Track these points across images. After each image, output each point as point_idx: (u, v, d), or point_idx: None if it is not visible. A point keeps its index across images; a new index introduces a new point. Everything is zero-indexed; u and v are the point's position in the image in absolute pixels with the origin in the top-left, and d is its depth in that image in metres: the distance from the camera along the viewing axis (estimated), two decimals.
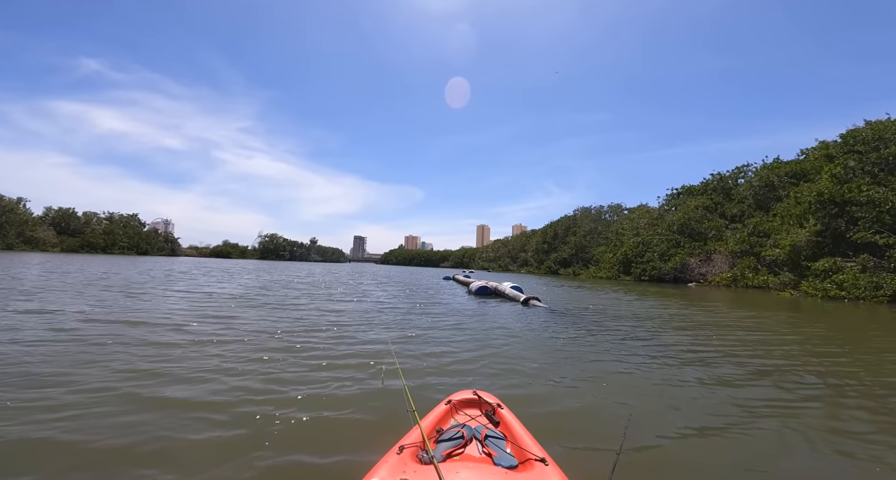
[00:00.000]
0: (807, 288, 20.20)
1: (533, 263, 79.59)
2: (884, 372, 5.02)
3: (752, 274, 27.42)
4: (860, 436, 3.08)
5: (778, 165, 34.46)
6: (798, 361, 5.47)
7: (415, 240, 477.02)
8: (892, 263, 17.80)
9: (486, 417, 2.47)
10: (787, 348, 6.43)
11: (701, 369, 4.92)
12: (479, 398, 2.66)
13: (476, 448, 2.07)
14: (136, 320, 6.57)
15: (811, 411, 3.60)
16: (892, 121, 23.15)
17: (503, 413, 2.48)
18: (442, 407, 2.57)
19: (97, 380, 3.64)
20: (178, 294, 10.88)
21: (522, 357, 5.25)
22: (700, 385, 4.27)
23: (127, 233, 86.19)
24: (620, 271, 44.18)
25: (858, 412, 3.61)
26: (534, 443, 2.10)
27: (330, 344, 5.38)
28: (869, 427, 3.27)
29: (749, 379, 4.53)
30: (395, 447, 1.96)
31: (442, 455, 1.95)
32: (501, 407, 2.55)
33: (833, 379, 4.64)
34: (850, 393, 4.13)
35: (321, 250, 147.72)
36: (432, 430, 2.29)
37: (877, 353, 6.22)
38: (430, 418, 2.43)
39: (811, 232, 22.52)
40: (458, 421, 2.42)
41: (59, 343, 4.89)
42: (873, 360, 5.70)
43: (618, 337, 6.88)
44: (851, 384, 4.45)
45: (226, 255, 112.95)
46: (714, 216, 38.04)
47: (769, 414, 3.46)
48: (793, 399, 3.91)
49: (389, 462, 1.82)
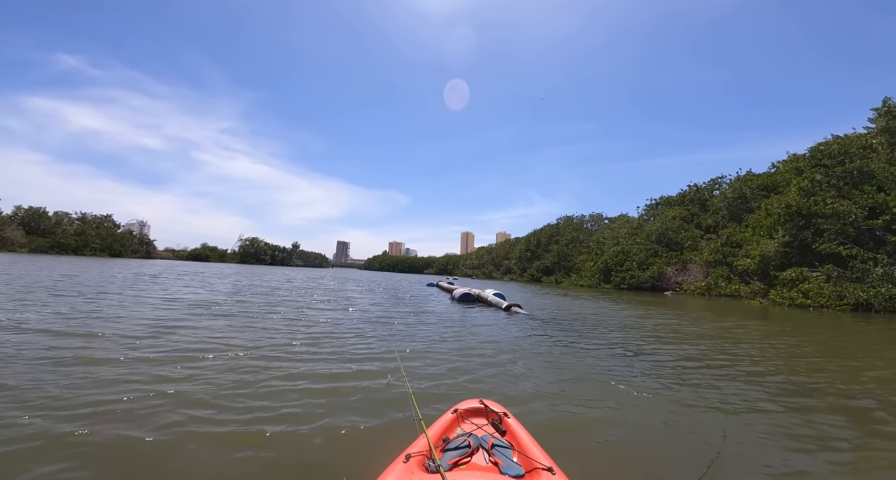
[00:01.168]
0: (775, 297, 20.84)
1: (516, 271, 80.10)
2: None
3: (724, 283, 28.15)
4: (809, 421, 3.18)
5: (750, 177, 35.70)
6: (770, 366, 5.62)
7: (399, 247, 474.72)
8: (854, 273, 18.51)
9: (492, 426, 2.44)
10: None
11: (674, 373, 5.01)
12: (485, 407, 2.65)
13: (483, 457, 2.06)
14: (75, 331, 5.70)
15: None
16: (857, 136, 24.31)
17: (510, 422, 2.46)
18: (448, 416, 2.57)
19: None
20: (153, 298, 10.54)
21: (511, 364, 5.26)
22: (677, 384, 4.35)
23: (100, 235, 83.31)
24: (601, 279, 44.81)
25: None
26: (541, 452, 2.08)
27: (329, 355, 5.28)
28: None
29: (717, 381, 4.63)
30: (402, 456, 1.95)
31: (448, 463, 1.94)
32: (508, 416, 2.54)
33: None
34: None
35: (303, 255, 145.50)
36: (439, 439, 2.28)
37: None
38: (436, 426, 2.41)
39: (780, 242, 23.30)
40: (465, 430, 2.41)
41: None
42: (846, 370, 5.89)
43: (601, 345, 7.00)
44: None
45: (204, 259, 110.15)
46: (690, 226, 39.05)
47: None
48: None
49: (396, 470, 1.82)
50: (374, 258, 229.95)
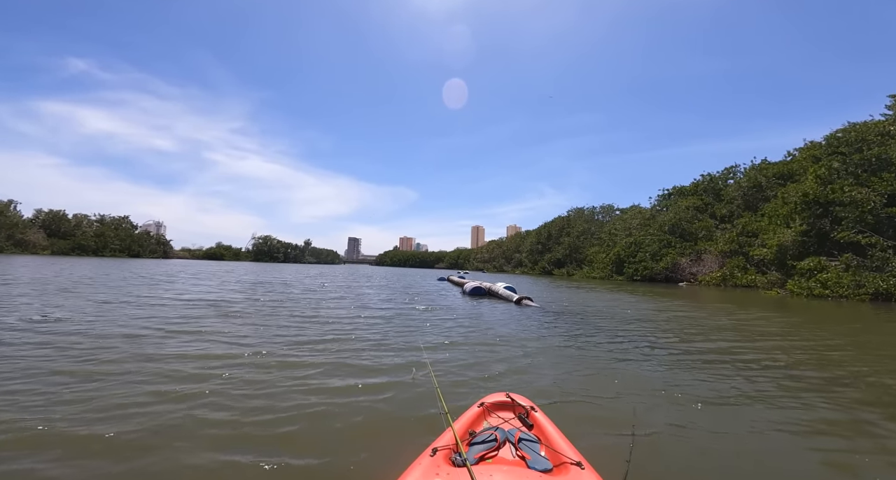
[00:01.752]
0: (792, 287, 20.66)
1: (527, 264, 79.97)
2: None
3: (740, 274, 27.92)
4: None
5: (766, 166, 35.11)
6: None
7: (409, 242, 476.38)
8: (874, 262, 18.28)
9: (519, 420, 2.45)
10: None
11: (698, 366, 5.19)
12: (512, 400, 2.65)
13: (509, 451, 2.05)
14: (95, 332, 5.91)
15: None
16: (874, 123, 23.75)
17: (537, 416, 2.46)
18: (475, 410, 2.57)
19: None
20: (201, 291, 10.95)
21: (530, 357, 5.43)
22: (703, 378, 4.53)
23: (118, 236, 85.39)
24: (613, 271, 44.65)
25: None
26: (569, 446, 2.07)
27: (350, 351, 5.41)
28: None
29: (750, 378, 4.79)
30: (428, 449, 1.97)
31: (475, 457, 1.94)
32: (535, 410, 2.53)
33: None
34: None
35: (315, 252, 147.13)
36: (465, 433, 2.28)
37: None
38: (462, 420, 2.43)
39: (797, 231, 23.03)
40: (491, 424, 2.41)
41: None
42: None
43: (617, 337, 7.10)
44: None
45: (219, 257, 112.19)
46: (704, 216, 38.60)
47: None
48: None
49: (422, 464, 1.83)
50: (386, 253, 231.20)
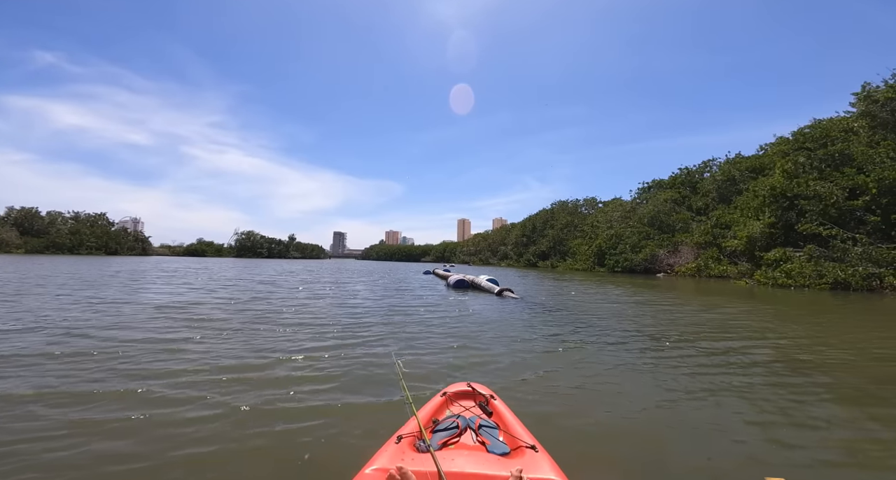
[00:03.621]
0: (759, 277, 21.69)
1: (513, 256, 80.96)
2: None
3: (714, 264, 29.02)
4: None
5: (739, 160, 36.29)
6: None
7: (396, 235, 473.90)
8: (835, 253, 19.32)
9: (479, 408, 2.60)
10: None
11: (660, 352, 5.65)
12: (472, 389, 2.80)
13: (470, 437, 2.17)
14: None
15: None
16: (839, 120, 24.87)
17: (496, 404, 2.62)
18: (438, 399, 2.71)
19: None
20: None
21: (498, 346, 5.78)
22: (664, 368, 4.97)
23: (94, 233, 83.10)
24: (595, 263, 45.75)
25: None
26: (525, 432, 2.23)
27: (323, 341, 5.73)
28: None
29: (696, 357, 5.26)
30: (394, 437, 2.06)
31: (438, 443, 2.06)
32: (494, 398, 2.70)
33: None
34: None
35: (300, 247, 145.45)
36: (429, 421, 2.40)
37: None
38: (426, 409, 2.54)
39: (765, 224, 24.07)
40: (453, 412, 2.55)
41: None
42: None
43: (587, 327, 7.49)
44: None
45: (201, 254, 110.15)
46: (682, 209, 39.73)
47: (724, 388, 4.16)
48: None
49: (388, 450, 1.92)
50: (372, 247, 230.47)
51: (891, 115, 20.58)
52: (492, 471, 1.73)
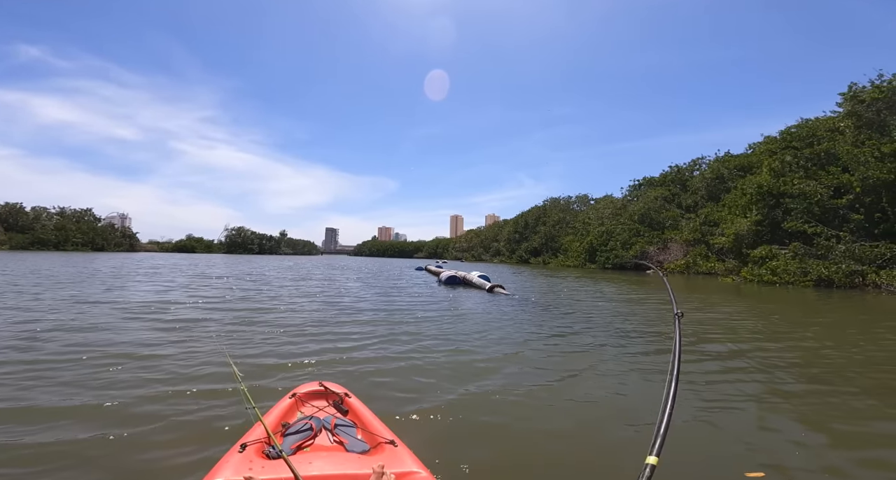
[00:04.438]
0: (746, 274, 22.05)
1: (505, 253, 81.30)
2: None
3: (702, 261, 29.44)
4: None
5: (728, 158, 36.76)
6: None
7: (388, 232, 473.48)
8: (819, 250, 19.69)
9: (334, 407, 2.49)
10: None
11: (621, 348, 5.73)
12: (325, 389, 2.68)
13: (327, 438, 2.08)
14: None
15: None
16: (825, 119, 25.29)
17: (351, 402, 2.53)
18: (286, 402, 2.55)
19: None
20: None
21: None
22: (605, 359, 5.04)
23: (80, 229, 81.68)
24: (586, 259, 46.10)
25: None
26: (383, 428, 2.19)
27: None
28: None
29: (627, 340, 5.35)
30: (237, 446, 1.86)
31: (291, 448, 1.94)
32: (349, 396, 2.60)
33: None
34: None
35: (291, 243, 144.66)
36: (277, 425, 2.24)
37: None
38: (273, 413, 2.38)
39: (752, 221, 24.45)
40: (306, 413, 2.41)
41: None
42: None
43: (587, 326, 7.61)
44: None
45: (190, 250, 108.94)
46: (671, 206, 40.19)
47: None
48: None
49: (231, 461, 1.73)
50: (364, 244, 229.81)
51: (876, 115, 20.96)
52: (353, 470, 1.65)
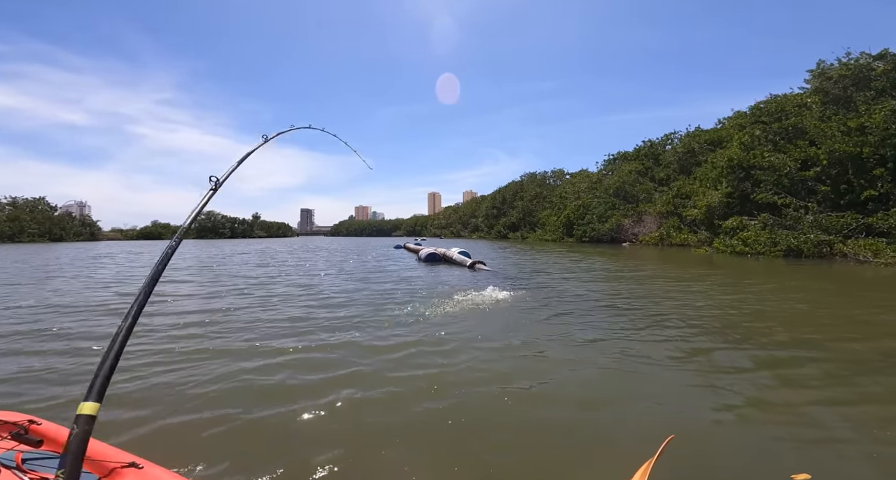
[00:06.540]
0: (718, 245, 22.93)
1: (483, 228, 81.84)
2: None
3: (675, 233, 30.39)
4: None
5: (699, 133, 37.47)
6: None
7: (365, 211, 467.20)
8: (787, 221, 20.59)
9: (15, 439, 1.86)
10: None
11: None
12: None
13: (14, 478, 1.57)
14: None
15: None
16: (793, 96, 26.00)
17: (43, 429, 1.96)
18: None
19: None
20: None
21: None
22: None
23: (35, 219, 76.65)
24: (564, 233, 46.96)
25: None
26: (115, 451, 1.76)
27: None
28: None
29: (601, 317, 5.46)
30: None
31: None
32: (37, 423, 1.99)
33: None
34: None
35: (265, 226, 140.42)
36: None
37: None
38: None
39: (723, 193, 25.23)
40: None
41: None
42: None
43: (568, 306, 7.66)
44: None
45: (157, 237, 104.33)
46: (645, 180, 41.00)
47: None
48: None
49: None
50: (341, 223, 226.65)
51: (842, 92, 21.57)
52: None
